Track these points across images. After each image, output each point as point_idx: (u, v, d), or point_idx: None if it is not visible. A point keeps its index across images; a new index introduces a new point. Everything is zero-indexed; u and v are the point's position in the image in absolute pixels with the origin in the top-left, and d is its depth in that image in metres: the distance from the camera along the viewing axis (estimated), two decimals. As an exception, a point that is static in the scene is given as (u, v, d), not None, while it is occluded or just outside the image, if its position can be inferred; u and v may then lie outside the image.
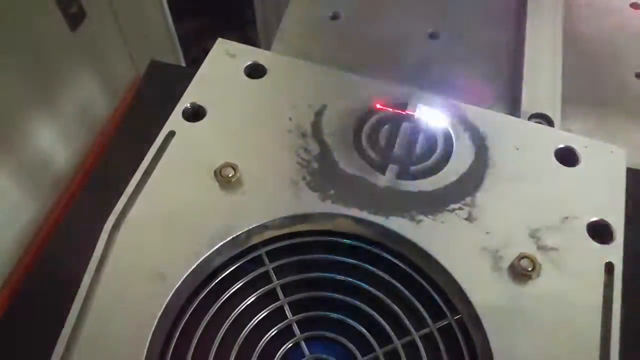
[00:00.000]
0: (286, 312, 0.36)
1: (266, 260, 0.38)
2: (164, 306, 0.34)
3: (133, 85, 1.12)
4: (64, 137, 0.96)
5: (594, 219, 0.38)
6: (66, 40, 0.93)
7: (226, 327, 0.35)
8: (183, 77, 0.44)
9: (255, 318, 0.36)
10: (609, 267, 0.36)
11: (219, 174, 0.38)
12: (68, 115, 0.96)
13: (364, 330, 0.35)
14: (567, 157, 0.41)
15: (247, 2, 1.26)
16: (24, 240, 0.90)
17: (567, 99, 0.47)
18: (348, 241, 0.39)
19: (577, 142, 0.41)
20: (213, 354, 0.34)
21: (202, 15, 1.41)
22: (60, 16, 0.91)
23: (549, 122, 0.45)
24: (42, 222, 0.93)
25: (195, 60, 1.25)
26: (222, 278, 0.37)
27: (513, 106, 0.48)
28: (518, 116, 0.46)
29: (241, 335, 0.35)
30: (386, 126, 0.43)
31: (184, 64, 1.21)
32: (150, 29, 1.10)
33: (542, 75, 0.47)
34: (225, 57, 0.45)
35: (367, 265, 0.38)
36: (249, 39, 1.26)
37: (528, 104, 0.46)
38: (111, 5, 1.02)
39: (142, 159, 0.40)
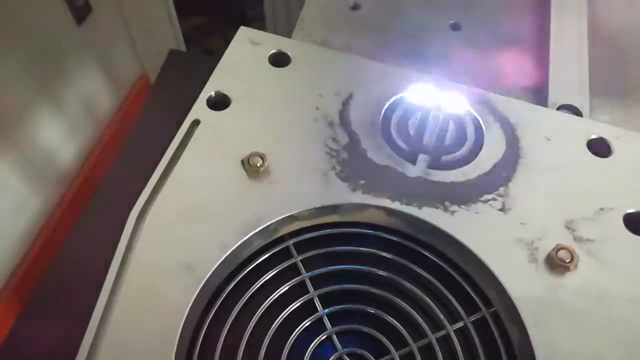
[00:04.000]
0: (316, 305, 0.35)
1: (294, 252, 0.37)
2: (192, 299, 0.33)
3: (139, 79, 1.11)
4: (69, 131, 0.95)
5: (630, 210, 0.37)
6: (72, 35, 0.92)
7: (255, 319, 0.34)
8: (202, 65, 0.43)
9: (285, 311, 0.35)
10: (647, 259, 0.35)
11: (247, 164, 0.37)
12: (73, 110, 0.95)
13: (397, 324, 0.35)
14: (599, 147, 0.40)
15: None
16: (29, 233, 0.88)
17: (593, 90, 0.46)
18: (378, 233, 0.38)
19: (610, 133, 0.40)
20: (243, 347, 0.33)
21: (203, 12, 1.40)
22: (66, 10, 0.89)
23: (577, 113, 0.44)
24: (47, 215, 0.91)
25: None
26: (249, 270, 0.36)
27: (538, 97, 0.47)
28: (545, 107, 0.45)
29: (271, 328, 0.34)
30: (415, 115, 0.42)
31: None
32: (155, 24, 1.09)
33: (569, 67, 0.46)
34: (249, 45, 0.43)
35: (398, 258, 0.37)
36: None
37: (555, 95, 0.45)
38: (117, 0, 1.01)
39: (162, 149, 0.38)
